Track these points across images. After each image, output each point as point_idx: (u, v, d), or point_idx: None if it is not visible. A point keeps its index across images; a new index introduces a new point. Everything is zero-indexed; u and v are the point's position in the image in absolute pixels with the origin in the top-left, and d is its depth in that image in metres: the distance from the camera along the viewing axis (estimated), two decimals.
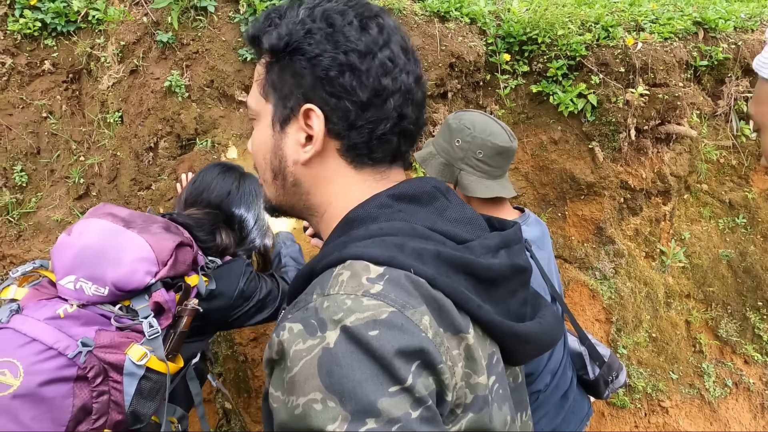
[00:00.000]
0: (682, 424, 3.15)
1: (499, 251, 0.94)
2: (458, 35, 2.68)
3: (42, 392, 1.25)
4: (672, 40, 2.92)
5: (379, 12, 0.90)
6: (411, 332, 0.76)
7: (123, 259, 1.39)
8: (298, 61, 0.88)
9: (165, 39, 2.50)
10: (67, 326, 1.32)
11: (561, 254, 3.02)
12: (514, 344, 0.92)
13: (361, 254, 0.84)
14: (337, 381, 0.73)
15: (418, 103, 0.90)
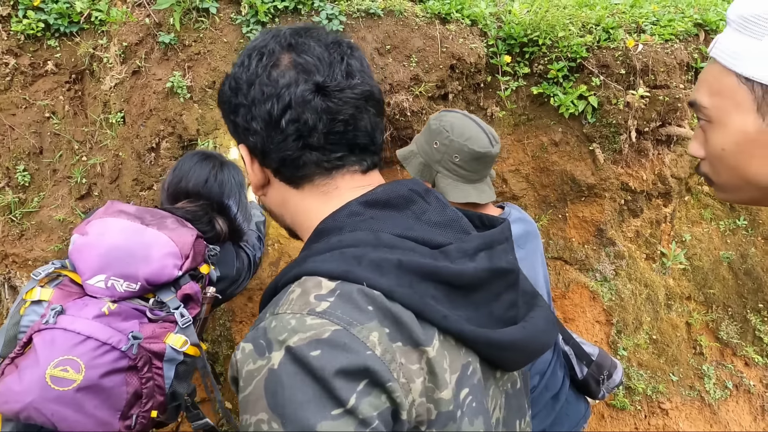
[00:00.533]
0: (682, 426, 3.15)
1: (478, 254, 0.92)
2: (459, 37, 2.69)
3: (102, 383, 1.39)
4: (673, 41, 2.92)
5: (270, 37, 0.93)
6: (355, 351, 0.75)
7: (152, 256, 1.51)
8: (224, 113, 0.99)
9: (167, 40, 2.51)
10: (114, 322, 1.45)
11: (561, 256, 3.03)
12: (492, 352, 0.89)
13: (316, 269, 0.84)
14: (280, 403, 0.73)
15: (328, 109, 0.89)
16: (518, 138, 2.92)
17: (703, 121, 0.89)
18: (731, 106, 0.84)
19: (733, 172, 0.87)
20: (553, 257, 3.01)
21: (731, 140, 0.85)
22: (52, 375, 1.35)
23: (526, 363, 1.00)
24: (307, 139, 0.89)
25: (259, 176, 0.97)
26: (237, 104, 0.93)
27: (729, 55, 0.84)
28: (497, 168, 2.92)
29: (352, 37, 2.56)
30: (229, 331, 2.64)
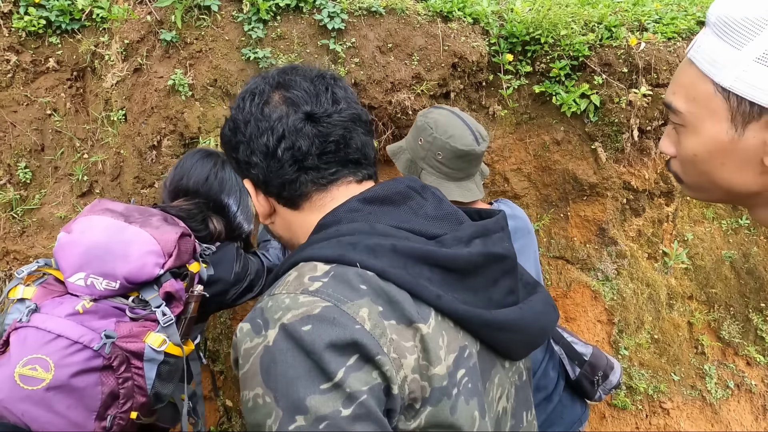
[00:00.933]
0: (683, 426, 3.14)
1: (473, 241, 0.96)
2: (461, 35, 2.68)
3: (73, 383, 1.36)
4: (675, 40, 2.91)
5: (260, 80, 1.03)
6: (343, 325, 0.79)
7: (131, 254, 1.48)
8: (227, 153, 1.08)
9: (168, 38, 2.50)
10: (88, 320, 1.42)
11: (563, 255, 3.02)
12: (490, 334, 0.93)
13: (313, 255, 0.90)
14: (273, 378, 0.77)
15: (318, 133, 0.97)
16: (520, 137, 2.91)
17: (677, 123, 0.89)
18: (706, 113, 0.83)
19: (702, 176, 0.88)
20: (554, 256, 3.01)
21: (703, 147, 0.85)
22: (21, 374, 1.33)
23: (529, 349, 1.04)
24: (302, 163, 0.98)
25: (265, 206, 1.06)
26: (237, 142, 1.02)
27: (707, 61, 0.82)
28: (499, 167, 2.91)
29: (354, 36, 2.56)
30: (230, 329, 2.64)
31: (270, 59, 2.51)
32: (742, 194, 0.86)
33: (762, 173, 0.82)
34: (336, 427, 0.74)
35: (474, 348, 0.92)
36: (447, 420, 0.84)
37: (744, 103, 0.79)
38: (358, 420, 0.75)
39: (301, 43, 2.54)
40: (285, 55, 2.53)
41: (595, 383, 1.87)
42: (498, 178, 2.94)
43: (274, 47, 2.54)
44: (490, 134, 2.88)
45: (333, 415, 0.74)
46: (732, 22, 0.78)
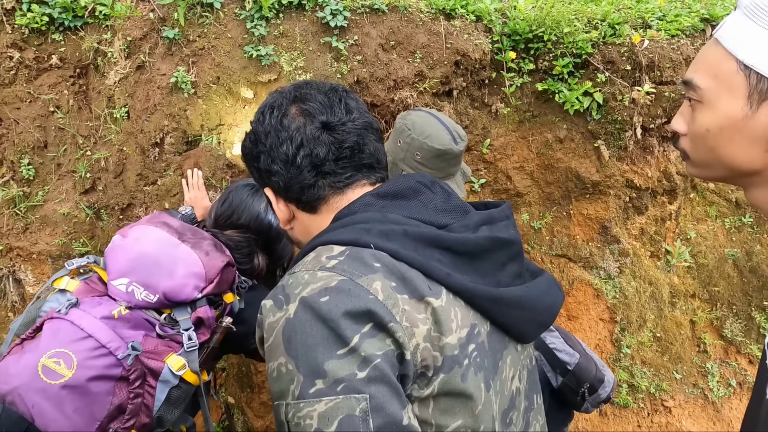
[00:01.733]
0: (684, 424, 3.14)
1: (480, 227, 1.03)
2: (464, 33, 2.67)
3: (89, 386, 1.35)
4: (679, 37, 2.90)
5: (277, 95, 1.10)
6: (358, 295, 0.85)
7: (176, 272, 1.50)
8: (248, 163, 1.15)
9: (171, 35, 2.50)
10: (119, 327, 1.43)
11: (565, 253, 3.02)
12: (499, 309, 0.99)
13: (329, 239, 0.97)
14: (294, 347, 0.84)
15: (334, 141, 1.04)
16: (523, 135, 2.91)
17: (694, 100, 0.91)
18: (725, 90, 0.86)
19: (710, 152, 0.91)
20: (557, 255, 3.00)
21: (716, 123, 0.88)
22: (45, 365, 1.34)
23: (539, 329, 1.10)
24: (320, 168, 1.04)
25: (285, 212, 1.12)
26: (258, 152, 1.09)
27: (733, 39, 0.84)
28: (502, 165, 2.91)
29: (356, 33, 2.55)
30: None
31: (272, 57, 2.51)
32: (744, 172, 0.89)
33: (766, 151, 0.85)
34: (352, 389, 0.80)
35: (483, 327, 0.98)
36: (458, 387, 0.90)
37: (763, 81, 0.82)
38: (372, 382, 0.81)
39: (303, 41, 2.54)
40: (287, 52, 2.53)
41: (581, 395, 1.82)
42: (500, 176, 2.93)
43: (277, 45, 2.53)
44: (492, 132, 2.87)
45: (349, 377, 0.81)
46: (763, 4, 0.81)
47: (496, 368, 0.99)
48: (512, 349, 1.06)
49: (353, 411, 0.80)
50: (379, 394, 0.81)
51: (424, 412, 0.89)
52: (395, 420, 0.82)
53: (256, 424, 2.73)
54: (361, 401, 0.80)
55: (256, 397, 2.72)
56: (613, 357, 3.08)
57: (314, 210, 1.09)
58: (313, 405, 0.81)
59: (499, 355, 1.01)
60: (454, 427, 0.91)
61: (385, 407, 0.81)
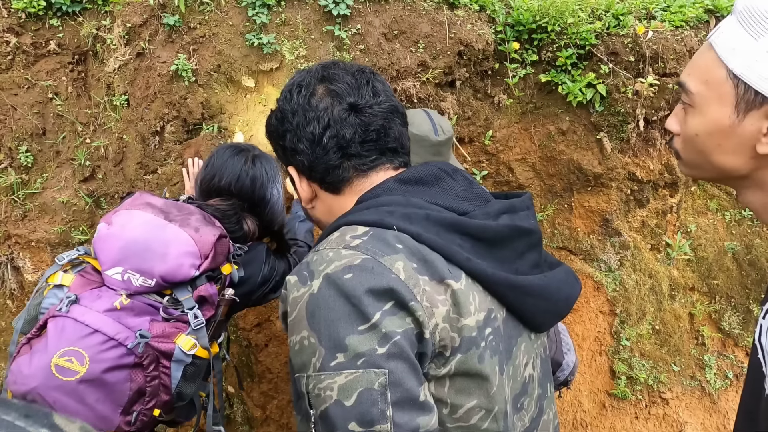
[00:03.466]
0: (681, 416, 3.16)
1: (501, 216, 1.04)
2: (467, 23, 2.65)
3: (105, 378, 1.39)
4: (683, 28, 2.88)
5: (305, 73, 1.10)
6: (381, 274, 0.88)
7: (169, 254, 1.50)
8: (273, 141, 1.16)
9: (172, 22, 2.47)
10: (124, 317, 1.44)
11: (567, 246, 3.01)
12: (516, 296, 1.00)
13: (354, 220, 0.99)
14: (317, 321, 0.87)
15: (361, 123, 1.05)
16: (525, 126, 2.89)
17: (686, 103, 0.93)
18: (715, 97, 0.88)
19: (700, 155, 0.94)
20: (558, 247, 3.00)
21: (705, 128, 0.90)
22: (57, 364, 1.36)
23: (555, 318, 1.12)
24: (346, 150, 1.05)
25: (308, 191, 1.13)
26: (284, 131, 1.09)
27: (726, 47, 0.86)
28: (504, 157, 2.89)
29: (359, 22, 2.53)
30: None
31: (274, 45, 2.48)
32: (732, 176, 0.93)
33: (752, 158, 0.88)
34: (372, 364, 0.83)
35: (500, 313, 1.00)
36: (475, 367, 0.92)
37: (750, 92, 0.83)
38: (391, 358, 0.84)
39: (305, 29, 2.51)
40: (289, 41, 2.50)
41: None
42: (503, 168, 2.92)
43: (279, 33, 2.51)
44: (494, 124, 2.86)
45: (369, 352, 0.83)
46: (756, 13, 0.82)
47: (510, 353, 1.01)
48: (526, 336, 1.07)
49: (372, 385, 0.82)
50: (398, 370, 0.84)
51: (440, 391, 0.91)
52: (412, 396, 0.84)
53: (256, 414, 2.74)
54: (380, 376, 0.83)
55: (256, 387, 2.72)
56: (613, 349, 3.09)
57: (338, 191, 1.09)
58: (334, 377, 0.84)
59: (514, 341, 1.03)
60: (469, 407, 0.93)
61: (403, 383, 0.84)
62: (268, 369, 2.70)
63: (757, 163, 0.88)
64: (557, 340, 1.88)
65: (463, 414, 0.93)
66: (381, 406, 0.82)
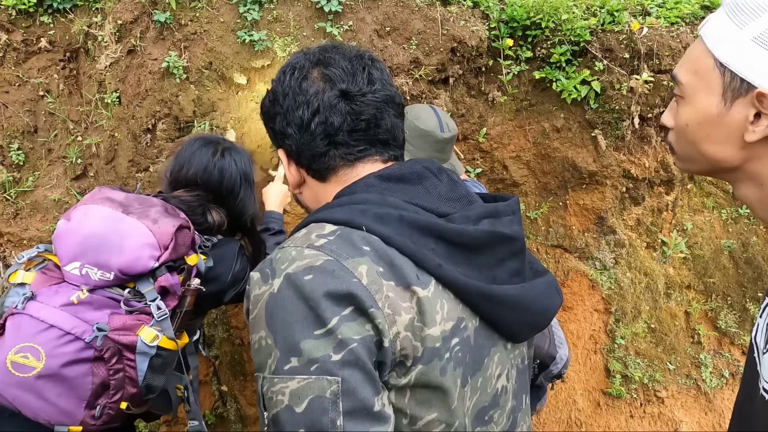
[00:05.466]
0: (677, 414, 3.15)
1: (482, 220, 1.00)
2: (460, 19, 2.63)
3: (64, 372, 1.38)
4: (679, 24, 2.86)
5: (302, 56, 1.07)
6: (342, 278, 0.85)
7: (126, 246, 1.48)
8: (265, 123, 1.13)
9: (163, 19, 2.46)
10: (82, 311, 1.43)
11: (561, 244, 3.00)
12: (490, 306, 0.96)
13: (323, 217, 0.96)
14: (274, 322, 0.85)
15: (351, 111, 1.01)
16: (519, 124, 2.88)
17: (677, 95, 0.94)
18: (703, 86, 0.88)
19: (691, 146, 0.93)
20: (552, 245, 2.99)
21: (695, 118, 0.90)
22: (13, 360, 1.36)
23: (532, 330, 1.07)
24: (333, 138, 1.02)
25: (296, 176, 1.10)
26: (275, 113, 1.07)
27: (713, 37, 0.87)
28: (498, 154, 2.88)
29: (351, 19, 2.51)
30: (225, 314, 2.63)
31: (266, 42, 2.47)
32: (724, 167, 0.92)
33: (742, 148, 0.87)
34: (325, 371, 0.81)
35: (471, 322, 0.96)
36: (435, 380, 0.89)
37: (736, 80, 0.84)
38: (346, 365, 0.81)
39: (297, 26, 2.50)
40: (281, 38, 2.49)
41: (533, 370, 1.83)
42: (497, 165, 2.91)
43: (270, 30, 2.49)
44: (489, 121, 2.84)
45: (323, 359, 0.81)
46: (741, 2, 0.85)
47: (480, 365, 0.98)
48: (501, 347, 1.03)
49: (324, 392, 0.80)
50: (352, 379, 0.81)
51: (400, 401, 0.89)
52: (366, 405, 0.82)
53: (249, 412, 2.73)
54: (333, 384, 0.81)
55: (248, 385, 2.71)
56: (608, 348, 3.08)
57: (323, 179, 1.07)
58: (286, 382, 0.82)
59: (486, 351, 0.99)
60: (428, 419, 0.91)
61: (356, 392, 0.81)
62: None
63: (747, 154, 0.88)
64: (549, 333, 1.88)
65: (423, 426, 0.91)
66: (332, 414, 0.80)
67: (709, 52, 0.87)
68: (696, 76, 0.90)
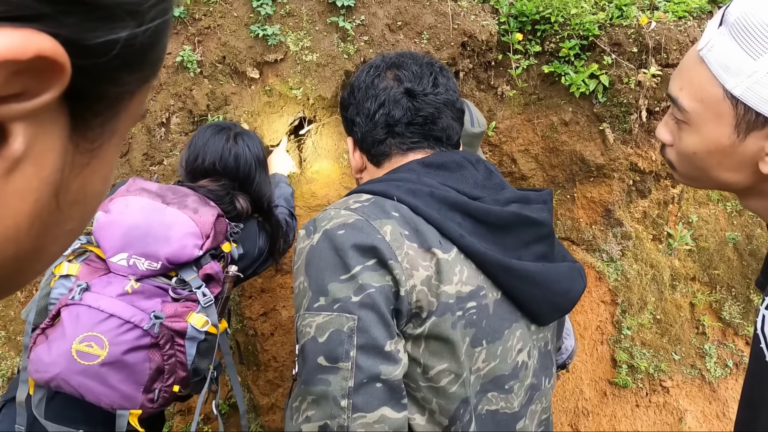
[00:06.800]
0: (682, 404, 3.20)
1: (510, 204, 1.09)
2: (471, 14, 2.66)
3: (125, 359, 1.46)
4: (686, 19, 2.89)
5: (380, 59, 1.21)
6: (368, 233, 0.97)
7: (172, 237, 1.55)
8: (341, 111, 1.28)
9: (176, 13, 2.48)
10: (136, 301, 1.50)
11: (569, 236, 3.04)
12: (509, 280, 1.05)
13: (363, 189, 1.10)
14: (311, 268, 0.98)
15: (412, 107, 1.14)
16: (528, 118, 2.91)
17: (680, 120, 0.89)
18: (711, 116, 0.83)
19: (698, 170, 0.90)
20: (560, 237, 3.02)
21: (703, 147, 0.86)
22: (78, 350, 1.42)
23: (555, 312, 1.14)
24: (392, 128, 1.15)
25: (359, 161, 1.24)
26: (348, 103, 1.22)
27: (720, 65, 0.80)
28: (507, 148, 2.91)
29: (363, 13, 2.54)
30: (238, 306, 2.67)
31: (279, 36, 2.49)
32: (734, 189, 0.91)
33: (754, 173, 0.85)
34: (345, 309, 0.93)
35: (492, 293, 1.05)
36: (446, 332, 0.99)
37: (750, 113, 0.79)
38: (363, 307, 0.93)
39: (310, 21, 2.52)
40: (294, 32, 2.51)
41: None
42: (506, 159, 2.94)
43: (283, 24, 2.52)
44: (498, 115, 2.87)
45: (345, 299, 0.93)
46: (751, 27, 0.76)
47: (500, 334, 1.07)
48: (524, 324, 1.12)
49: (342, 327, 0.92)
50: (367, 319, 0.92)
51: (415, 351, 0.99)
52: (377, 344, 0.93)
53: (262, 402, 2.77)
54: (350, 320, 0.92)
55: (262, 375, 2.76)
56: (614, 338, 3.13)
57: (379, 165, 1.20)
58: (314, 317, 0.95)
59: (507, 324, 1.08)
60: (439, 369, 1.00)
61: (369, 330, 0.92)
62: (274, 357, 2.73)
63: (760, 177, 0.85)
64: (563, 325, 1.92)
65: (434, 375, 1.00)
66: (346, 346, 0.91)
67: (717, 81, 0.81)
68: (702, 104, 0.84)
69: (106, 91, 0.34)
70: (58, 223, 0.36)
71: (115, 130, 0.38)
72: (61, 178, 0.34)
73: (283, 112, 2.63)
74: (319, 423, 0.91)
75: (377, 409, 0.91)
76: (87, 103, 0.34)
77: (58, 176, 0.34)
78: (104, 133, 0.36)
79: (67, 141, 0.34)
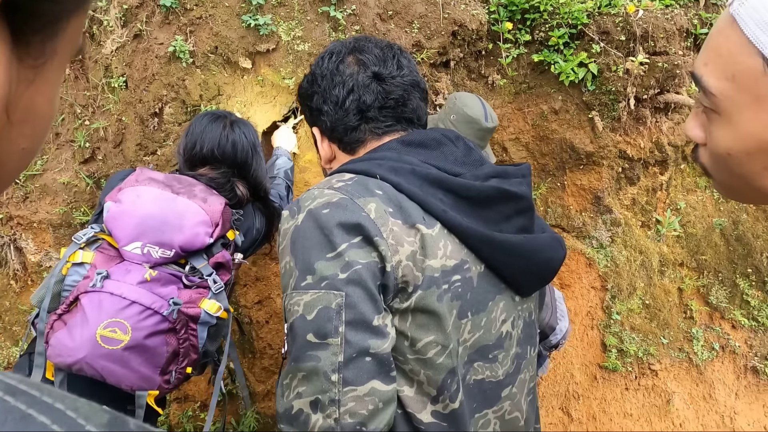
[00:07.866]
0: (670, 386, 3.26)
1: (490, 179, 1.11)
2: (461, 3, 2.68)
3: (145, 343, 1.53)
4: (673, 7, 2.92)
5: (339, 44, 1.20)
6: (353, 211, 0.98)
7: (185, 225, 1.61)
8: (302, 102, 1.27)
9: (168, 3, 2.49)
10: (155, 288, 1.57)
11: (559, 223, 3.08)
12: (492, 252, 1.07)
13: (345, 168, 1.10)
14: (296, 248, 1.00)
15: (382, 91, 1.14)
16: (518, 106, 2.94)
17: (707, 107, 0.65)
18: (749, 100, 0.59)
19: (737, 179, 0.65)
20: (551, 225, 3.07)
21: (740, 145, 0.62)
22: (102, 335, 1.48)
23: (537, 282, 1.18)
24: (365, 113, 1.15)
25: (328, 151, 1.22)
26: (312, 92, 1.20)
27: (758, 23, 0.56)
28: (498, 137, 2.95)
29: (354, 3, 2.55)
30: (234, 294, 2.70)
31: (270, 26, 2.51)
32: None
33: None
34: (332, 286, 0.95)
35: (476, 266, 1.08)
36: (432, 305, 1.01)
37: None
38: (350, 283, 0.95)
39: (301, 10, 2.54)
40: (285, 22, 2.53)
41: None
42: (497, 147, 2.97)
43: (275, 14, 2.53)
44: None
45: (332, 276, 0.95)
46: None
47: (484, 305, 1.09)
48: (508, 296, 1.14)
49: (330, 304, 0.94)
50: (354, 294, 0.94)
51: (402, 325, 1.01)
52: (365, 319, 0.95)
53: (258, 389, 2.81)
54: (338, 297, 0.94)
55: (257, 363, 2.79)
56: (604, 323, 3.18)
57: (353, 151, 1.19)
58: (302, 295, 0.96)
59: (491, 296, 1.10)
60: (426, 341, 1.02)
61: (357, 306, 0.94)
62: (269, 345, 2.77)
63: None
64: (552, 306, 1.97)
65: (421, 347, 1.02)
66: (335, 322, 0.93)
67: (754, 48, 0.57)
68: (734, 83, 0.60)
69: (41, 6, 0.37)
70: (11, 140, 0.40)
71: (56, 51, 0.40)
72: (9, 92, 0.37)
73: (275, 102, 2.65)
74: (311, 398, 0.93)
75: (367, 382, 0.94)
76: (24, 17, 0.36)
77: (6, 90, 0.37)
78: (45, 51, 0.39)
79: (11, 53, 0.36)
